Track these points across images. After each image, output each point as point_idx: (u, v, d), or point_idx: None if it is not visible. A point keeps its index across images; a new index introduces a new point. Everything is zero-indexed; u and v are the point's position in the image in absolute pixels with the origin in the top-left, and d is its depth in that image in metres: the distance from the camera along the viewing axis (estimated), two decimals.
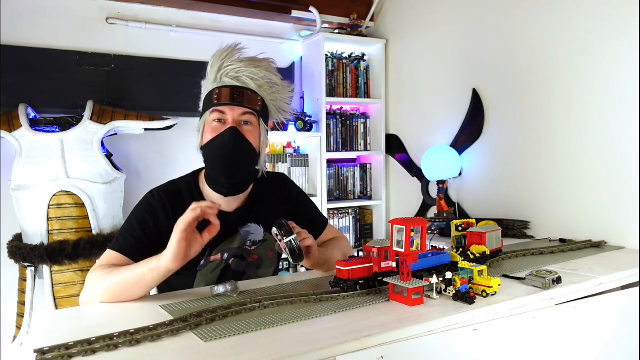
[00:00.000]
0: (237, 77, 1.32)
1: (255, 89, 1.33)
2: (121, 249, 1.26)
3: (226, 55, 1.34)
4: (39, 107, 2.39)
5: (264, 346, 0.86)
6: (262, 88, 1.35)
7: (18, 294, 2.28)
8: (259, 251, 1.43)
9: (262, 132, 1.36)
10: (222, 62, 1.33)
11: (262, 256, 1.44)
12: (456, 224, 1.49)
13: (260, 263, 1.45)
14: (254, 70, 1.32)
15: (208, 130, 1.32)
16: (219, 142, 1.29)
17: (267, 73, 1.35)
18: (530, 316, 1.10)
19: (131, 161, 2.67)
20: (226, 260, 1.38)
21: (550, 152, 2.14)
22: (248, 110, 1.31)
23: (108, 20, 2.60)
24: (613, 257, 1.64)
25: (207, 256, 1.36)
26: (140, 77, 2.69)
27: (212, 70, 1.35)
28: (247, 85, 1.32)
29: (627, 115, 1.84)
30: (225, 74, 1.32)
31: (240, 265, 1.40)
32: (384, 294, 1.14)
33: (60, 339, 0.87)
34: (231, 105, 1.30)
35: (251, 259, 1.42)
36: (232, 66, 1.32)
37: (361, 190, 3.29)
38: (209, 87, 1.35)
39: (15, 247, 2.19)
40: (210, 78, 1.35)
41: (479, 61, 2.51)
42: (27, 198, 2.15)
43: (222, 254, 1.37)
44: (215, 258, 1.37)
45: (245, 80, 1.32)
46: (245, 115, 1.31)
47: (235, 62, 1.33)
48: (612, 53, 1.88)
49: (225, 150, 1.28)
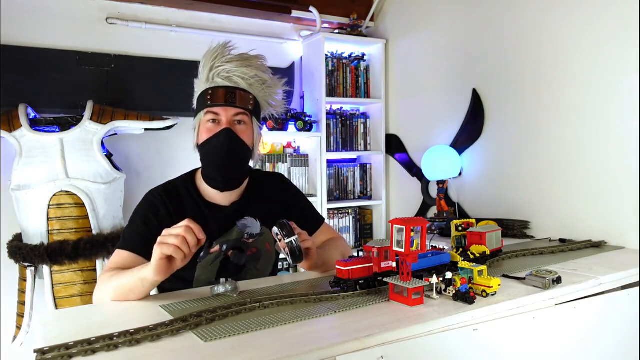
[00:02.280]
0: (228, 77, 1.36)
1: (246, 88, 1.38)
2: (128, 247, 1.32)
3: (217, 55, 1.38)
4: (39, 107, 2.39)
5: (264, 346, 0.86)
6: (253, 86, 1.40)
7: (18, 293, 2.28)
8: (257, 244, 1.46)
9: (255, 128, 1.42)
10: (214, 62, 1.37)
11: (261, 249, 1.47)
12: (456, 224, 1.49)
13: (259, 256, 1.47)
14: (245, 70, 1.37)
15: (203, 130, 1.37)
16: (214, 143, 1.34)
17: (257, 71, 1.40)
18: (530, 316, 1.10)
19: (131, 161, 2.67)
20: (225, 252, 1.41)
21: (550, 153, 2.14)
22: (240, 111, 1.37)
23: (108, 20, 2.60)
24: (613, 257, 1.63)
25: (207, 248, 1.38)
26: (140, 77, 2.69)
27: (203, 70, 1.39)
28: (238, 85, 1.37)
29: (626, 116, 1.84)
30: (217, 74, 1.36)
31: (240, 257, 1.43)
32: (384, 294, 1.14)
33: (60, 339, 0.88)
34: (224, 106, 1.35)
35: (250, 251, 1.45)
36: (223, 67, 1.36)
37: (361, 190, 3.29)
38: (202, 86, 1.39)
39: (15, 247, 2.19)
40: (202, 77, 1.40)
41: (479, 61, 2.51)
42: (27, 198, 2.15)
43: (221, 245, 1.40)
44: (214, 250, 1.40)
45: (236, 80, 1.37)
46: (238, 115, 1.37)
47: (226, 62, 1.36)
48: (611, 53, 1.89)
49: (221, 150, 1.34)
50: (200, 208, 1.42)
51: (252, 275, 1.46)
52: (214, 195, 1.43)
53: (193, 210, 1.41)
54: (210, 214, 1.42)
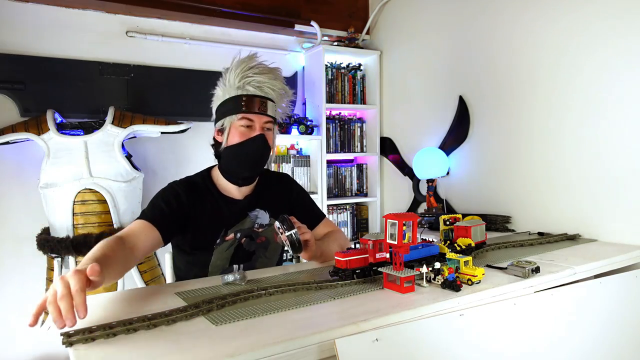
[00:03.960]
0: (259, 87, 1.38)
1: (274, 99, 1.41)
2: (145, 217, 1.31)
3: (246, 64, 1.38)
4: (65, 113, 2.39)
5: (269, 329, 0.86)
6: (278, 98, 1.43)
7: (46, 282, 2.29)
8: (266, 233, 1.48)
9: (275, 134, 1.46)
10: (246, 71, 1.37)
11: (269, 238, 1.49)
12: (444, 218, 1.49)
13: (267, 244, 1.49)
14: (274, 82, 1.40)
15: (235, 133, 1.37)
16: (249, 146, 1.37)
17: (282, 84, 1.43)
18: (512, 302, 1.10)
19: (149, 161, 2.67)
20: (239, 239, 1.44)
21: (530, 154, 2.13)
22: (270, 119, 1.40)
23: (128, 34, 2.59)
24: (586, 248, 1.63)
25: (223, 236, 1.42)
26: (157, 85, 2.68)
27: (234, 77, 1.37)
28: (268, 95, 1.39)
29: (599, 121, 1.84)
30: (249, 82, 1.37)
31: (251, 245, 1.46)
32: (379, 282, 1.14)
33: (84, 323, 0.87)
34: (258, 114, 1.37)
35: (259, 240, 1.47)
36: (254, 77, 1.37)
37: (358, 188, 3.28)
38: (232, 92, 1.38)
39: (43, 240, 2.19)
40: (231, 83, 1.38)
41: (465, 71, 2.50)
42: (54, 195, 2.15)
43: (235, 233, 1.43)
44: (229, 237, 1.42)
45: (267, 90, 1.39)
46: (268, 123, 1.40)
47: (258, 74, 1.37)
48: (588, 64, 1.88)
49: (254, 153, 1.38)
50: (217, 200, 1.44)
51: (261, 261, 1.48)
52: (230, 189, 1.45)
53: (211, 202, 1.42)
54: (226, 205, 1.44)
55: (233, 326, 0.88)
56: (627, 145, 1.75)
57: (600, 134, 1.84)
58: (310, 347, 0.82)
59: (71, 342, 0.81)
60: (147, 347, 0.80)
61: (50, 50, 2.41)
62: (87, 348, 0.80)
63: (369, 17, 3.21)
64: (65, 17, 2.44)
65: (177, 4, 2.56)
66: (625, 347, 1.31)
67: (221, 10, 2.68)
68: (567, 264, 1.35)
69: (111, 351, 0.79)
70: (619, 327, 1.31)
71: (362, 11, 3.26)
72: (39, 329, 2.27)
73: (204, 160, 1.55)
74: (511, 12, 2.20)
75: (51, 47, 2.41)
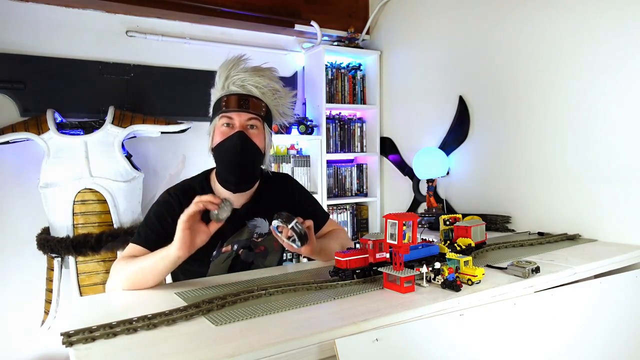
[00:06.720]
0: (242, 85, 1.33)
1: (259, 96, 1.35)
2: (141, 241, 1.28)
3: (232, 66, 1.35)
4: (65, 112, 2.39)
5: (269, 330, 0.86)
6: (265, 95, 1.36)
7: (46, 282, 2.28)
8: (265, 242, 1.44)
9: (267, 134, 1.38)
10: (229, 71, 1.35)
11: (268, 247, 1.45)
12: (444, 218, 1.49)
13: (266, 253, 1.45)
14: (258, 79, 1.34)
15: (218, 133, 1.33)
16: (227, 144, 1.30)
17: (270, 81, 1.37)
18: (512, 302, 1.10)
19: (149, 161, 2.67)
20: (236, 251, 1.39)
21: (530, 154, 2.13)
22: (253, 116, 1.33)
23: (128, 33, 2.59)
24: (586, 248, 1.63)
25: (219, 247, 1.37)
26: (157, 85, 2.68)
27: (219, 79, 1.36)
28: (251, 92, 1.34)
29: (599, 121, 1.84)
30: (232, 82, 1.34)
31: (249, 255, 1.42)
32: (379, 282, 1.14)
33: (84, 323, 0.88)
34: (238, 111, 1.31)
35: (258, 250, 1.43)
36: (238, 75, 1.33)
37: (358, 188, 3.28)
38: (218, 94, 1.37)
39: (43, 240, 2.19)
40: (218, 86, 1.37)
41: (465, 71, 2.50)
42: (54, 195, 2.15)
43: (232, 245, 1.38)
44: (226, 249, 1.38)
45: (250, 88, 1.34)
46: (251, 120, 1.33)
47: (241, 72, 1.34)
48: (588, 64, 1.88)
49: (234, 151, 1.30)
50: None
51: None
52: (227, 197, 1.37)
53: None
54: None
55: (233, 326, 0.88)
56: (627, 145, 1.75)
57: (600, 134, 1.84)
58: (310, 347, 0.82)
59: (71, 342, 0.81)
60: (147, 347, 0.80)
61: (50, 49, 2.41)
62: (87, 348, 0.80)
63: (369, 17, 3.21)
64: (65, 16, 2.44)
65: (177, 4, 2.56)
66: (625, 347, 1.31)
67: (221, 10, 2.68)
68: (567, 264, 1.35)
69: (111, 351, 0.79)
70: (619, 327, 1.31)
71: (362, 11, 3.26)
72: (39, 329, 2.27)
73: (203, 160, 1.52)
74: (511, 12, 2.20)
75: (51, 46, 2.41)
